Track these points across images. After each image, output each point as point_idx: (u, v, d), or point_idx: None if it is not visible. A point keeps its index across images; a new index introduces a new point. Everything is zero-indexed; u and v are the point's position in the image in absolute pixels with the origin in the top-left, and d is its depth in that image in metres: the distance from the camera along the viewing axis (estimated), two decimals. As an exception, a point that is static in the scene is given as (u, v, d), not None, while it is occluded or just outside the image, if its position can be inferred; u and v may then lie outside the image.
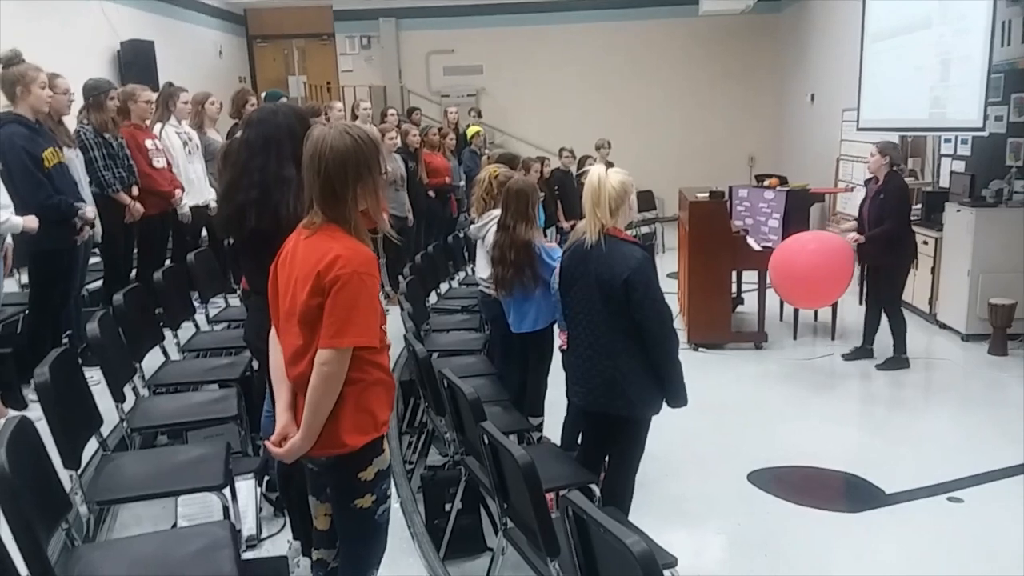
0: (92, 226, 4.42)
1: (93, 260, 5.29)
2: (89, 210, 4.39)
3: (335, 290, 2.00)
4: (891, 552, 3.54)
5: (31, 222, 3.97)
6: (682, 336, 6.53)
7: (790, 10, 12.54)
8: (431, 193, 7.82)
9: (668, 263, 9.24)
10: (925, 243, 6.86)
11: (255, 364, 3.54)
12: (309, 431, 2.09)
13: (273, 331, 2.26)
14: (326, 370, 2.04)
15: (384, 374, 2.19)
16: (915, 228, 7.05)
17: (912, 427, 4.95)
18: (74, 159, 4.63)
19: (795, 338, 6.73)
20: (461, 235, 7.49)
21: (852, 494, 4.13)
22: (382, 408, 2.19)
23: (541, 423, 4.19)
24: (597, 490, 3.12)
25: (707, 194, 6.57)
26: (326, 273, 2.01)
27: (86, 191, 4.71)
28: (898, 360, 5.82)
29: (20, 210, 3.89)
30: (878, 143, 5.79)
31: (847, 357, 6.06)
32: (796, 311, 6.83)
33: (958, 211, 6.47)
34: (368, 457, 2.16)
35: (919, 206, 7.30)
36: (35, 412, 2.68)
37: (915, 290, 7.09)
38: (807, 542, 3.64)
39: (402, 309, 4.60)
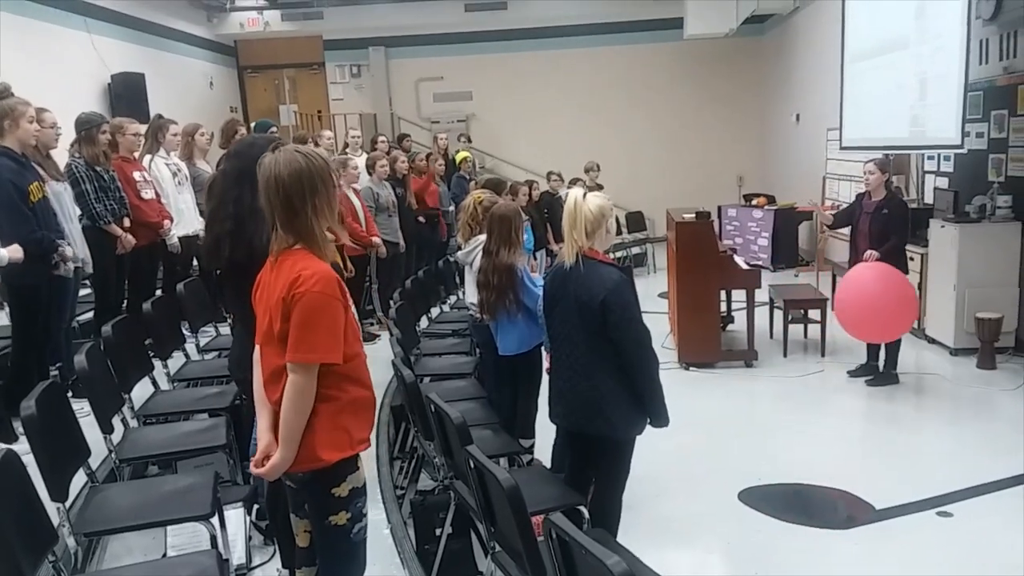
0: (67, 262, 4.41)
1: (84, 292, 5.32)
2: (68, 249, 4.41)
3: (295, 309, 2.09)
4: (882, 568, 3.54)
5: (15, 252, 3.99)
6: (673, 356, 6.56)
7: (773, 33, 12.72)
8: (420, 219, 7.89)
9: (659, 283, 9.28)
10: (911, 259, 6.91)
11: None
12: (287, 447, 2.15)
13: (257, 352, 2.32)
14: (291, 385, 2.11)
15: (363, 390, 2.26)
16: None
17: (902, 442, 4.97)
18: (63, 192, 4.67)
19: (785, 355, 6.76)
20: (452, 259, 7.53)
21: (843, 511, 4.13)
22: (359, 427, 2.25)
23: (532, 445, 4.21)
24: (585, 511, 3.13)
25: (694, 214, 6.62)
26: (288, 296, 2.10)
27: (75, 224, 4.75)
28: (888, 376, 5.85)
29: (2, 243, 3.89)
30: (876, 160, 5.84)
31: (853, 374, 6.08)
32: (786, 328, 6.87)
33: (942, 227, 6.54)
34: (342, 474, 2.22)
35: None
36: (25, 445, 2.68)
37: (903, 306, 7.13)
38: (798, 560, 3.64)
39: (391, 334, 4.62)
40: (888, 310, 5.43)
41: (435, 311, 6.81)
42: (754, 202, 11.13)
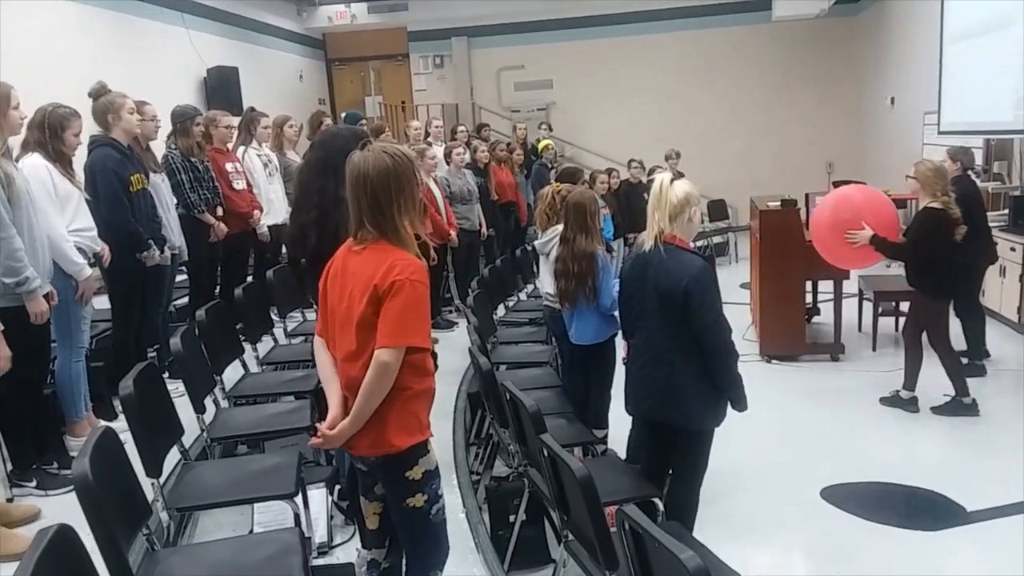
0: (151, 261, 4.56)
1: (180, 277, 5.57)
2: (156, 257, 4.55)
3: (391, 295, 2.17)
4: (972, 572, 3.41)
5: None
6: (754, 348, 6.43)
7: (867, 12, 12.21)
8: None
9: (741, 273, 9.10)
10: (1013, 249, 6.58)
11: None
12: (358, 417, 2.23)
13: (318, 336, 2.41)
14: (383, 366, 2.17)
15: (431, 379, 2.36)
16: (1003, 234, 6.79)
17: (996, 442, 4.73)
18: (160, 184, 4.90)
19: (874, 349, 6.53)
20: (529, 248, 7.56)
21: (931, 511, 3.98)
22: (425, 412, 2.35)
23: (605, 436, 4.20)
24: (660, 504, 3.11)
25: (779, 202, 6.45)
26: (382, 283, 2.17)
27: (172, 213, 4.98)
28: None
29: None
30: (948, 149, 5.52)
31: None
32: (875, 321, 6.63)
33: (1048, 216, 6.19)
34: (414, 457, 2.30)
35: (1006, 211, 7.00)
36: (123, 423, 2.84)
37: (1003, 298, 6.80)
38: (882, 561, 3.53)
39: (468, 322, 4.68)
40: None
41: (512, 300, 6.85)
42: (844, 190, 10.74)
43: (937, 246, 4.80)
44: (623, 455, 3.86)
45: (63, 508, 3.02)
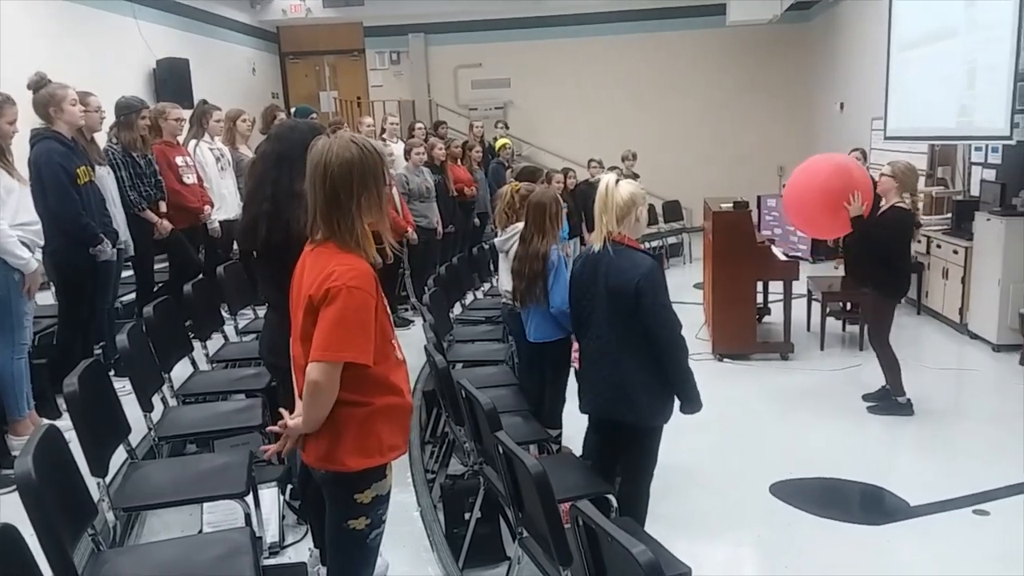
0: (104, 256, 4.46)
1: (127, 273, 5.43)
2: (108, 247, 4.45)
3: (324, 304, 1.99)
4: (915, 565, 3.50)
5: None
6: (707, 347, 6.52)
7: (819, 19, 12.48)
8: (476, 221, 8.00)
9: (695, 273, 9.22)
10: (955, 252, 6.79)
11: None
12: (307, 423, 2.09)
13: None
14: (313, 385, 2.01)
15: (396, 396, 2.15)
16: (946, 237, 7.01)
17: (939, 438, 4.88)
18: (105, 176, 4.77)
19: (822, 349, 6.67)
20: (487, 246, 7.56)
21: (876, 506, 4.09)
22: (393, 432, 2.15)
23: (559, 435, 4.21)
24: (614, 500, 3.13)
25: (731, 204, 6.55)
26: (316, 293, 2.00)
27: (118, 207, 4.85)
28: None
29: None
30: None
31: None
32: (823, 321, 6.77)
33: (988, 220, 6.39)
34: (368, 480, 2.13)
35: (949, 215, 7.22)
36: (68, 421, 2.76)
37: (945, 300, 7.01)
38: (829, 555, 3.61)
39: (424, 320, 4.66)
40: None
41: (469, 298, 6.84)
42: (794, 192, 10.94)
43: (900, 244, 4.97)
44: (579, 454, 3.89)
45: (6, 508, 2.94)
